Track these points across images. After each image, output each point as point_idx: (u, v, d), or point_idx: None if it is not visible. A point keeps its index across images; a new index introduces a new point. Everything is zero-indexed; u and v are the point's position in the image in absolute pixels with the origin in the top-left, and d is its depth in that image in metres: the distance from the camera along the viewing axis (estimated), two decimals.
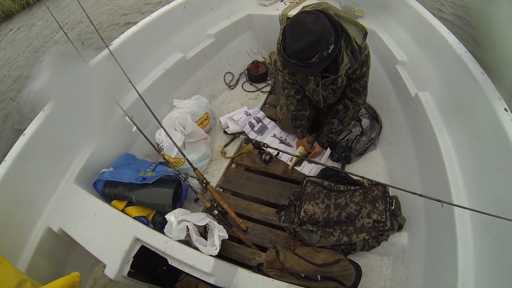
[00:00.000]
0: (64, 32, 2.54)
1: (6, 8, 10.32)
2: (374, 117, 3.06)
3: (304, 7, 2.10)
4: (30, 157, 2.13)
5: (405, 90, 2.60)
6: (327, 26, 1.77)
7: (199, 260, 1.78)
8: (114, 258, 1.88)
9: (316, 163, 2.23)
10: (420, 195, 1.54)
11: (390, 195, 2.23)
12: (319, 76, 2.23)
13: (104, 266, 1.88)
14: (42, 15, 10.01)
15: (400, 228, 2.21)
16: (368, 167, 2.83)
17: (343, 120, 2.50)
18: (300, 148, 2.75)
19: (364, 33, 2.03)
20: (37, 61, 7.48)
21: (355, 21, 2.01)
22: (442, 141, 2.09)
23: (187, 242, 2.06)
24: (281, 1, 3.83)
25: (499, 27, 2.06)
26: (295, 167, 2.74)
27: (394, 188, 1.69)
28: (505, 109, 1.71)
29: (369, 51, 2.13)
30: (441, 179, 1.97)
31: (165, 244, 1.86)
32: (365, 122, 3.08)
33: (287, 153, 2.30)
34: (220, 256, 2.01)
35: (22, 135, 2.13)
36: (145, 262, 2.03)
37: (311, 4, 2.06)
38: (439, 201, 1.46)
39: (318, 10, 1.87)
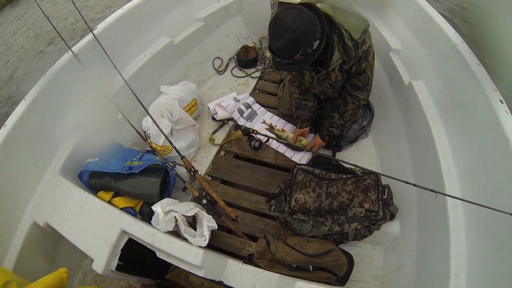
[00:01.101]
0: (50, 23, 2.48)
1: None
2: (366, 105, 3.02)
3: None
4: (12, 148, 2.06)
5: (398, 78, 2.56)
6: (308, 22, 1.71)
7: (188, 253, 1.75)
8: (101, 252, 1.84)
9: (307, 150, 2.20)
10: (414, 185, 1.53)
11: (382, 184, 2.19)
12: (314, 70, 2.18)
13: (92, 262, 1.85)
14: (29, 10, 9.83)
15: (392, 217, 2.19)
16: (360, 155, 2.80)
17: (343, 114, 2.45)
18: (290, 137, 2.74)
19: (366, 26, 1.97)
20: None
21: (356, 12, 1.96)
22: (436, 131, 2.06)
23: (176, 232, 2.03)
24: None
25: (498, 25, 2.03)
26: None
27: (388, 177, 1.67)
28: (501, 101, 1.68)
29: (370, 45, 2.04)
30: (434, 169, 1.95)
31: (152, 236, 1.82)
32: (360, 110, 3.02)
33: (277, 140, 2.27)
34: (210, 246, 1.99)
35: (3, 126, 2.06)
36: (134, 253, 1.99)
37: None
38: (433, 191, 1.44)
39: (305, 3, 1.83)
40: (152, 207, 2.03)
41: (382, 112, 2.92)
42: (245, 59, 3.68)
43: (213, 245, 2.20)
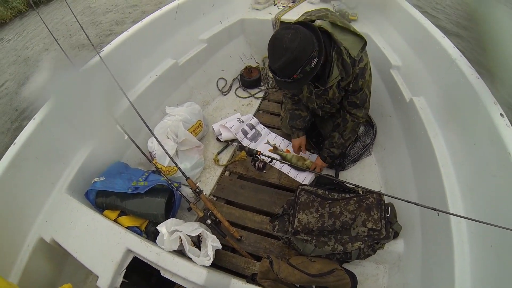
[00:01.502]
0: (55, 39, 2.52)
1: None
2: (369, 123, 3.04)
3: (306, 12, 2.12)
4: (21, 166, 2.09)
5: (399, 95, 2.58)
6: (306, 41, 1.74)
7: (192, 272, 1.77)
8: (106, 270, 1.86)
9: (311, 171, 2.21)
10: (416, 204, 1.52)
11: (386, 202, 2.20)
12: (312, 85, 2.21)
13: (97, 279, 1.86)
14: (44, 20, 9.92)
15: (396, 235, 2.19)
16: (363, 173, 2.81)
17: (343, 133, 2.46)
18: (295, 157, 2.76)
19: (363, 43, 2.00)
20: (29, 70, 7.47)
21: (354, 30, 1.99)
22: (438, 147, 2.07)
23: (181, 251, 2.04)
24: (274, 5, 3.83)
25: (497, 29, 2.06)
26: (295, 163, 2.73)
27: (389, 196, 1.67)
28: (501, 114, 1.69)
29: (367, 63, 2.07)
30: (436, 186, 1.95)
31: (157, 255, 1.85)
32: (360, 128, 3.03)
33: (280, 161, 2.29)
34: (214, 265, 1.99)
35: (12, 144, 2.09)
36: (139, 271, 2.00)
37: (312, 10, 2.08)
38: (434, 209, 1.44)
39: (301, 21, 1.88)
40: (157, 227, 2.05)
41: (384, 130, 2.93)
42: (249, 79, 3.71)
43: (217, 264, 2.20)
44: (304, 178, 2.72)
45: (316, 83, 2.13)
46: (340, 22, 1.97)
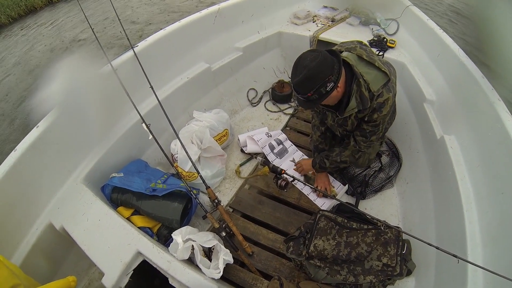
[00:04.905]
0: (92, 30, 2.54)
1: (30, 3, 10.25)
2: (395, 154, 3.00)
3: (342, 43, 2.16)
4: (41, 150, 2.12)
5: (430, 131, 2.53)
6: (325, 64, 1.80)
7: (202, 285, 1.75)
8: (114, 268, 1.86)
9: (332, 198, 2.19)
10: (437, 248, 1.50)
11: (403, 238, 2.16)
12: (335, 113, 2.22)
13: (100, 270, 1.86)
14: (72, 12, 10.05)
15: (408, 273, 2.14)
16: (383, 205, 2.76)
17: (341, 152, 2.48)
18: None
19: (386, 80, 1.99)
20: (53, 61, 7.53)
21: (380, 65, 1.99)
22: (464, 190, 2.02)
23: (190, 259, 2.02)
24: (313, 22, 3.80)
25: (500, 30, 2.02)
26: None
27: (410, 236, 1.64)
28: None
29: (388, 99, 2.02)
30: (457, 230, 1.91)
31: (168, 263, 1.84)
32: (385, 158, 3.02)
33: (304, 183, 2.28)
34: (221, 277, 1.96)
35: (35, 127, 2.12)
36: (143, 272, 1.98)
37: (346, 42, 2.16)
38: (455, 256, 1.41)
39: (330, 49, 1.94)
40: (172, 235, 2.03)
41: (410, 163, 2.88)
42: (280, 94, 3.68)
43: (224, 277, 2.16)
44: (323, 203, 2.69)
45: (337, 113, 2.16)
46: (366, 56, 2.00)
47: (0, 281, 1.48)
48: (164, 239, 2.29)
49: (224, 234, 2.16)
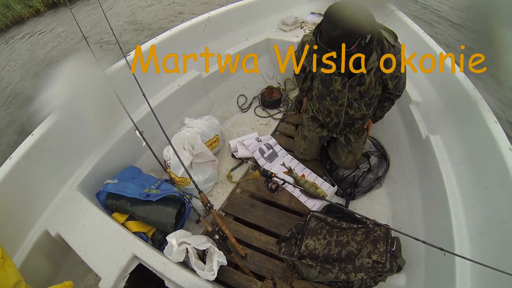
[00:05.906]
0: (84, 37, 2.57)
1: (17, 14, 10.30)
2: (383, 155, 3.06)
3: None
4: (36, 157, 2.14)
5: (416, 131, 2.59)
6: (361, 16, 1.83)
7: (196, 286, 1.78)
8: (110, 273, 1.89)
9: (322, 199, 2.23)
10: (424, 242, 1.54)
11: (392, 235, 2.21)
12: (347, 75, 2.23)
13: (96, 276, 1.89)
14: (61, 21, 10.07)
15: (399, 269, 2.18)
16: (372, 205, 2.81)
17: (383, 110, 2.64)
18: (308, 183, 2.78)
19: (395, 36, 2.12)
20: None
21: (384, 26, 2.12)
22: (449, 187, 2.08)
23: (184, 262, 2.06)
24: (301, 28, 3.85)
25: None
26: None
27: (398, 232, 1.69)
28: None
29: (402, 47, 2.16)
30: (444, 225, 1.96)
31: (163, 265, 1.87)
32: (373, 159, 3.07)
33: (293, 185, 2.31)
34: (216, 280, 1.99)
35: (30, 135, 2.15)
36: (140, 275, 2.02)
37: None
38: (441, 249, 1.46)
39: None
40: (167, 237, 2.07)
41: (398, 163, 2.94)
42: (269, 99, 3.71)
43: (218, 279, 2.19)
44: (314, 204, 2.72)
45: (354, 69, 2.12)
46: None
47: (10, 276, 1.53)
48: (158, 243, 2.32)
49: (217, 237, 2.19)
